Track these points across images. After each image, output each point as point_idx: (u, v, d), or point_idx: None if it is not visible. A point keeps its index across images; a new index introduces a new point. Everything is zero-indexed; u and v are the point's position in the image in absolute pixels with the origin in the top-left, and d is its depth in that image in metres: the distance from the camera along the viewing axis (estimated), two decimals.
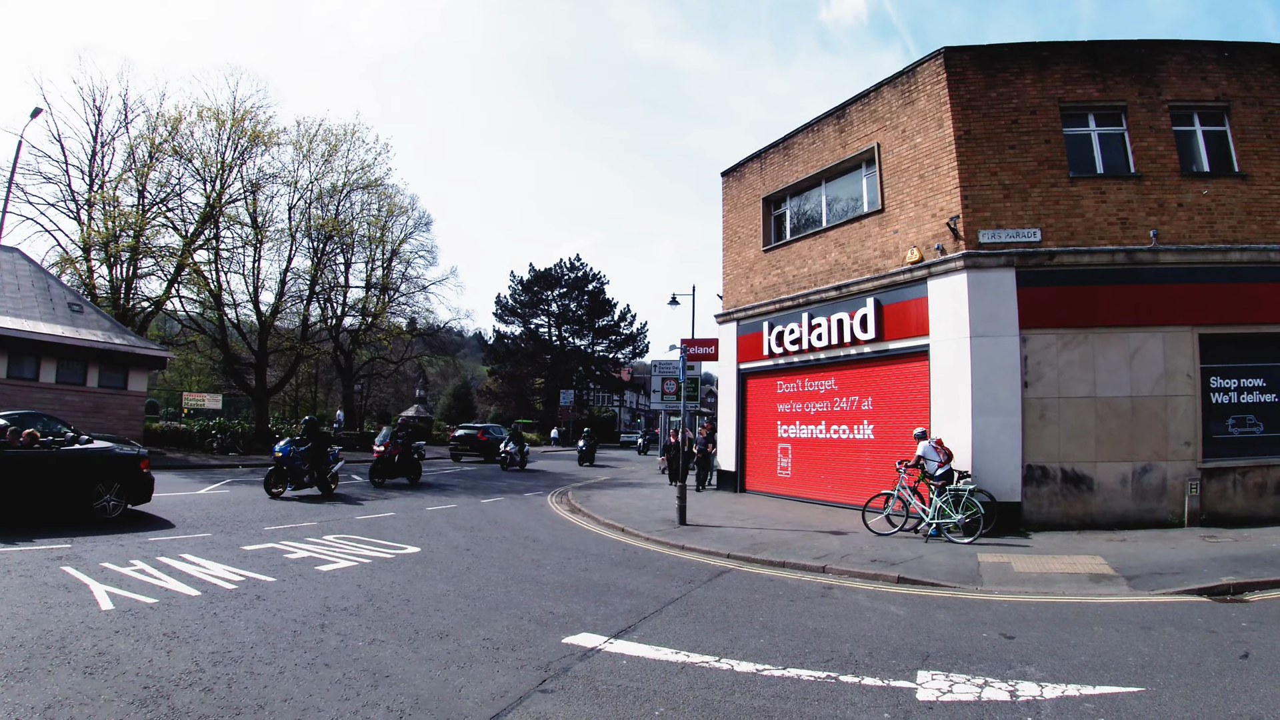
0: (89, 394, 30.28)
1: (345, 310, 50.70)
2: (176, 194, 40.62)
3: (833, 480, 19.62)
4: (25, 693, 5.55)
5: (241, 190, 41.84)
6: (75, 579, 9.29)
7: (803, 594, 10.02)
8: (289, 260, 44.42)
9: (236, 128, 40.51)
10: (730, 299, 24.53)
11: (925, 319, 16.78)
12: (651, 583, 10.66)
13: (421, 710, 5.61)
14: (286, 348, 46.33)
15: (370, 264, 51.42)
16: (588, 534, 15.68)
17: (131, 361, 32.17)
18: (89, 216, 38.59)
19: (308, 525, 14.99)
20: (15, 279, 31.21)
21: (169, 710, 5.39)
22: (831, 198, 20.98)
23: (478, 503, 20.72)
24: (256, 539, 13.14)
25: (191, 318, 43.29)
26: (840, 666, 6.70)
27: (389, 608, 8.76)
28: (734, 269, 24.49)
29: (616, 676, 6.48)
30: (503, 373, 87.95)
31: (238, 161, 41.22)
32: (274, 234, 43.80)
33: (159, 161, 39.71)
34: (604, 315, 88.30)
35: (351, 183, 46.13)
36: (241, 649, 6.90)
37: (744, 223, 24.23)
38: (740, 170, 24.80)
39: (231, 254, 42.64)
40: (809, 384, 20.85)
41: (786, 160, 22.36)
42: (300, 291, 46.01)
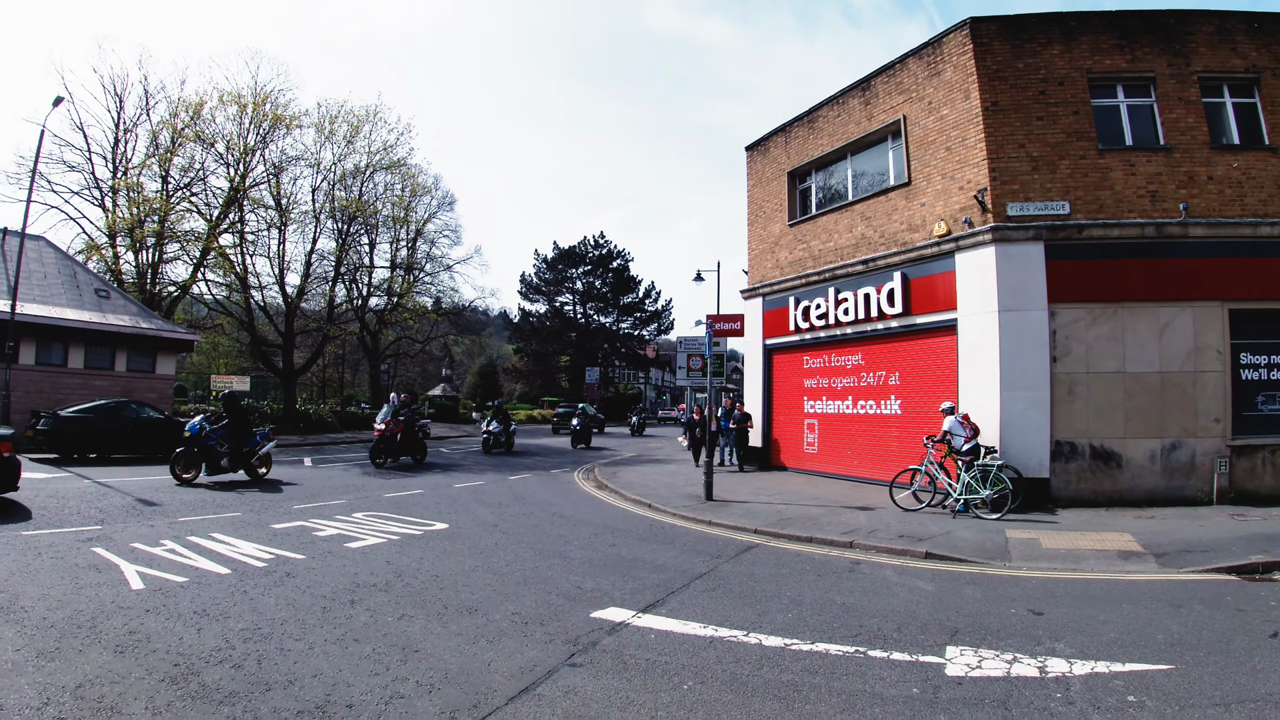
0: (118, 378, 30.62)
1: (371, 290, 50.95)
2: (200, 178, 41.13)
3: (860, 456, 19.58)
4: (57, 672, 5.59)
5: (265, 173, 42.24)
6: (106, 559, 9.38)
7: (830, 569, 10.00)
8: (314, 242, 44.75)
9: (258, 111, 40.86)
10: (756, 274, 24.42)
11: (953, 293, 16.64)
12: (679, 558, 10.67)
13: (451, 684, 5.63)
14: (313, 329, 46.70)
15: (395, 244, 51.66)
16: (615, 510, 15.73)
17: (159, 345, 32.47)
18: (113, 203, 39.08)
19: (336, 503, 15.11)
20: (42, 266, 31.57)
21: (199, 687, 5.43)
22: (857, 171, 20.81)
23: (505, 480, 20.82)
24: (286, 517, 13.25)
25: (218, 301, 43.61)
26: (868, 641, 6.68)
27: (418, 583, 8.81)
28: (759, 244, 24.37)
29: (645, 650, 6.48)
30: (528, 351, 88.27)
31: (260, 145, 41.56)
32: (298, 216, 44.25)
33: (182, 147, 40.08)
34: (628, 292, 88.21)
35: (374, 163, 46.43)
36: (271, 626, 6.96)
37: (769, 197, 24.08)
38: (764, 145, 24.62)
39: (256, 237, 43.05)
40: (836, 359, 20.76)
41: (811, 134, 22.18)
42: (326, 273, 46.28)
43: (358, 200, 45.23)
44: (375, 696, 5.36)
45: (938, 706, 5.20)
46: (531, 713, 5.13)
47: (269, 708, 5.09)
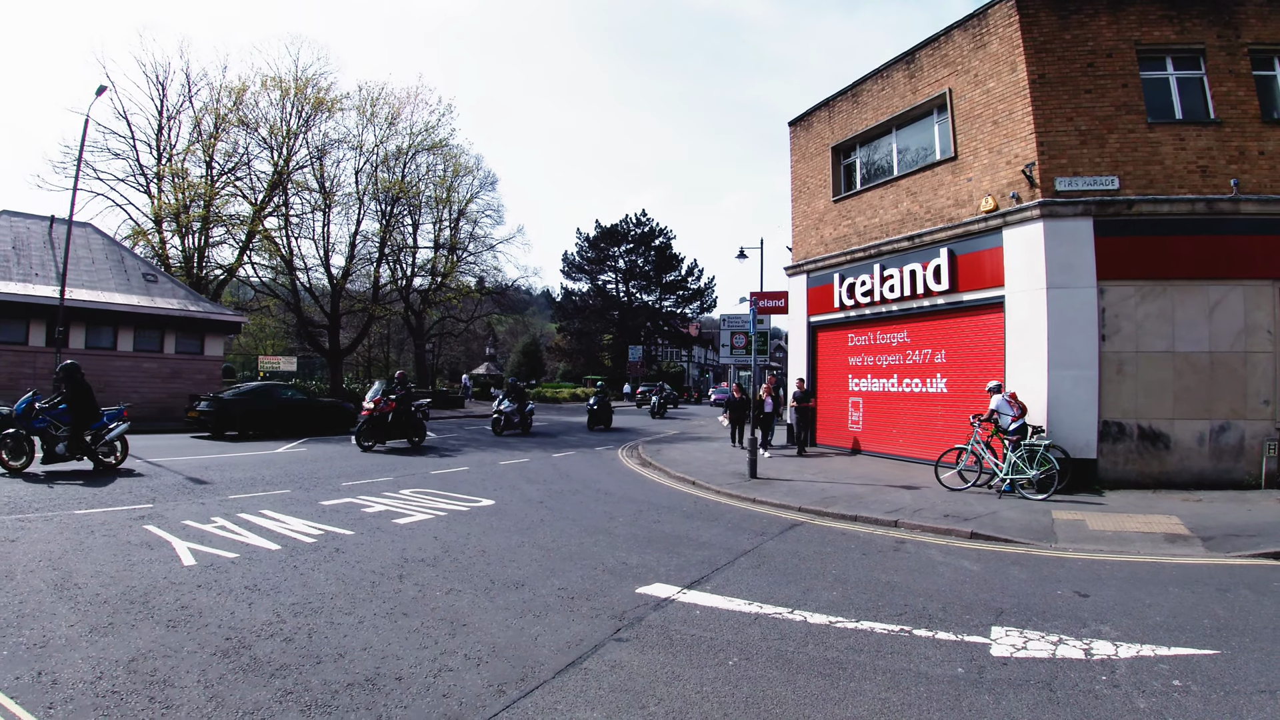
0: (166, 360, 31.21)
1: (415, 271, 51.37)
2: (244, 163, 41.79)
3: (905, 434, 19.45)
4: (110, 647, 5.71)
5: (308, 156, 42.78)
6: (158, 536, 9.57)
7: (875, 548, 10.00)
8: (358, 223, 45.20)
9: (300, 95, 41.39)
10: (800, 251, 24.23)
11: (1000, 269, 16.42)
12: (723, 535, 10.71)
13: (499, 658, 5.71)
14: (358, 309, 47.20)
15: (438, 224, 51.98)
16: (659, 487, 15.80)
17: (207, 327, 32.93)
18: (159, 189, 39.86)
19: (384, 480, 15.33)
20: (89, 252, 32.17)
21: (251, 660, 5.55)
22: (902, 146, 20.56)
23: (549, 457, 20.99)
24: (334, 494, 13.45)
25: (264, 283, 44.30)
26: (914, 620, 6.68)
27: (465, 559, 8.94)
28: (803, 220, 24.17)
29: (690, 626, 6.54)
30: (571, 329, 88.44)
31: (302, 128, 42.09)
32: (342, 198, 44.76)
33: (225, 132, 40.77)
34: (671, 270, 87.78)
35: (416, 145, 46.73)
36: (321, 600, 7.09)
37: (813, 173, 23.85)
38: (808, 119, 24.36)
39: (301, 219, 43.67)
40: (881, 336, 20.60)
41: (855, 108, 21.92)
42: (370, 254, 46.72)
43: (400, 182, 45.53)
44: (424, 669, 5.45)
45: (982, 686, 5.21)
46: (578, 686, 5.20)
47: (319, 680, 5.20)
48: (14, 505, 11.11)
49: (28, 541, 8.99)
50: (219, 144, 40.80)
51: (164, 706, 4.72)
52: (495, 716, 4.72)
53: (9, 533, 9.37)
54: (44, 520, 10.23)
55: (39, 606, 6.59)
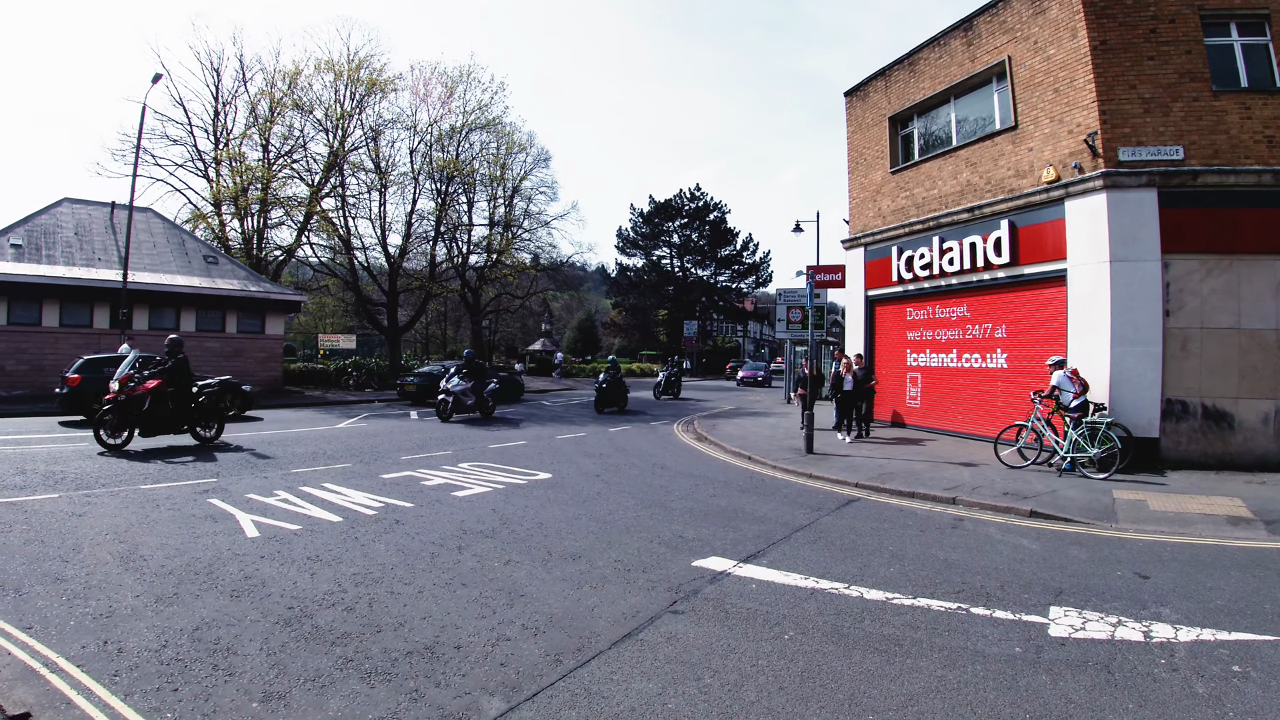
0: (228, 339, 31.96)
1: (470, 248, 51.73)
2: (301, 145, 42.54)
3: (963, 410, 19.22)
4: (175, 616, 5.89)
5: (363, 137, 43.39)
6: (222, 510, 9.80)
7: (933, 524, 9.95)
8: (413, 202, 45.73)
9: (353, 77, 41.88)
10: (857, 224, 23.93)
11: (1062, 242, 16.09)
12: (779, 509, 10.73)
13: (556, 628, 5.81)
14: (415, 287, 47.78)
15: (492, 202, 52.15)
16: (714, 461, 15.84)
17: (267, 307, 33.64)
18: (217, 173, 40.73)
19: (443, 454, 15.56)
20: (151, 236, 33.13)
21: (313, 629, 5.69)
22: (961, 115, 20.17)
23: (606, 431, 21.16)
24: (394, 468, 13.70)
25: (323, 263, 45.14)
26: (971, 598, 6.65)
27: (523, 530, 9.07)
28: (860, 193, 23.85)
29: (746, 600, 6.58)
30: (626, 305, 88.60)
31: (356, 110, 42.61)
32: (397, 178, 45.33)
33: (280, 116, 41.45)
34: (726, 245, 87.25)
35: (469, 123, 47.00)
36: (382, 570, 7.24)
37: (869, 144, 23.52)
38: (864, 90, 23.98)
39: (358, 200, 44.36)
40: (940, 311, 20.31)
41: (912, 77, 21.56)
42: (426, 232, 47.22)
43: (455, 160, 45.86)
44: (482, 639, 5.55)
45: (1040, 666, 5.18)
46: (635, 657, 5.27)
47: (380, 648, 5.32)
48: (81, 481, 11.41)
49: (94, 516, 9.24)
50: (275, 127, 41.54)
51: (227, 674, 4.86)
52: (553, 686, 4.81)
53: (76, 507, 9.63)
54: (110, 495, 10.50)
55: (105, 578, 6.78)
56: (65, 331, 27.59)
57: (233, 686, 4.68)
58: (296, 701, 4.51)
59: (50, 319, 27.53)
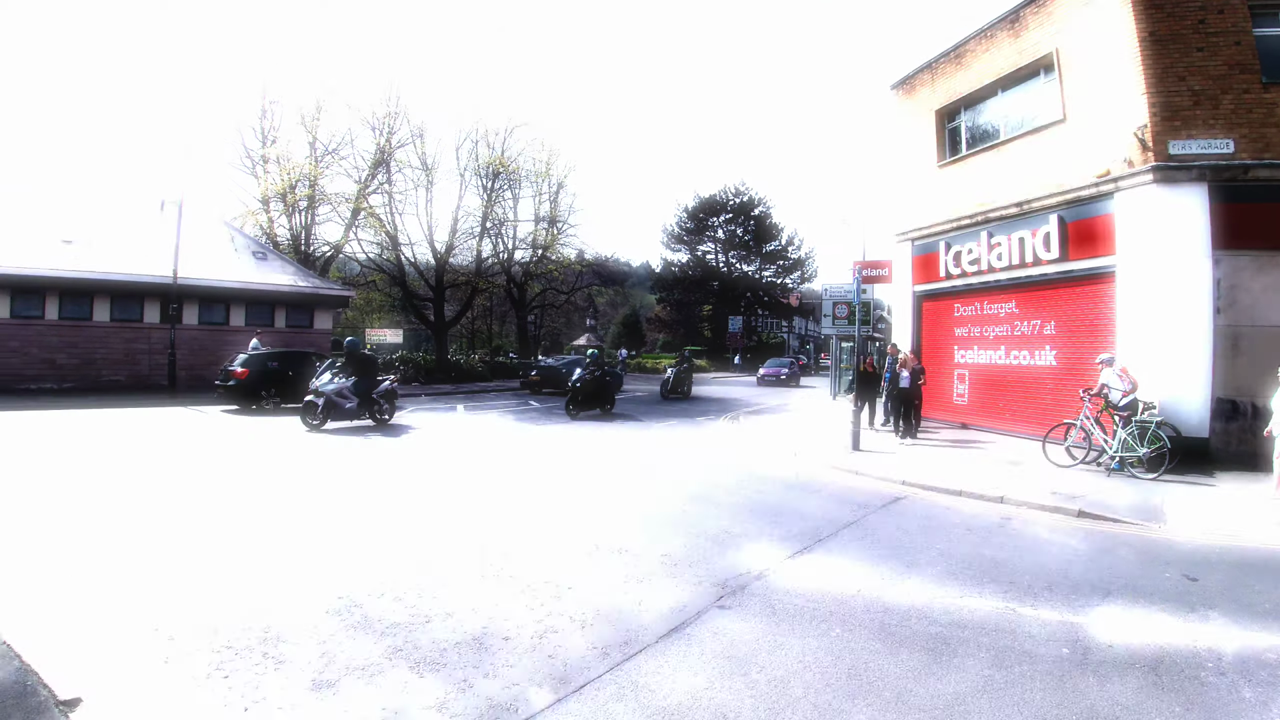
0: (278, 333, 32.37)
1: (516, 244, 51.98)
2: (348, 143, 43.05)
3: (1011, 408, 18.99)
4: (226, 604, 6.04)
5: (409, 135, 43.58)
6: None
7: (980, 523, 9.93)
8: (459, 199, 46.04)
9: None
10: (904, 219, 23.72)
11: (1111, 237, 15.87)
12: (825, 506, 10.76)
13: (603, 621, 5.90)
14: (462, 282, 48.09)
15: (537, 198, 52.33)
16: (760, 457, 15.87)
17: (316, 302, 34.28)
18: (264, 171, 41.47)
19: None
20: (200, 232, 33.50)
21: (362, 618, 5.83)
22: (1008, 108, 19.92)
23: (651, 426, 21.30)
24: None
25: (370, 258, 45.63)
26: (1018, 598, 6.66)
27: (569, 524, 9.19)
28: (907, 187, 23.69)
29: (793, 596, 6.62)
30: (671, 300, 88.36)
31: (403, 107, 42.90)
32: (444, 174, 45.69)
33: (327, 114, 41.90)
34: (770, 240, 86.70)
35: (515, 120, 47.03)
36: (430, 561, 7.40)
37: (916, 138, 23.29)
38: (910, 82, 23.80)
39: (404, 196, 44.73)
40: (988, 307, 20.06)
41: (959, 70, 21.33)
42: (472, 228, 47.52)
43: (500, 157, 46.12)
44: (530, 631, 5.66)
45: (1087, 668, 5.19)
46: (681, 652, 5.35)
47: (429, 638, 5.45)
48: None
49: None
50: (321, 125, 42.18)
51: (277, 661, 5.00)
52: (600, 678, 4.89)
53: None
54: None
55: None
56: (116, 326, 28.46)
57: (283, 674, 4.83)
58: (346, 690, 4.64)
59: (101, 314, 28.34)
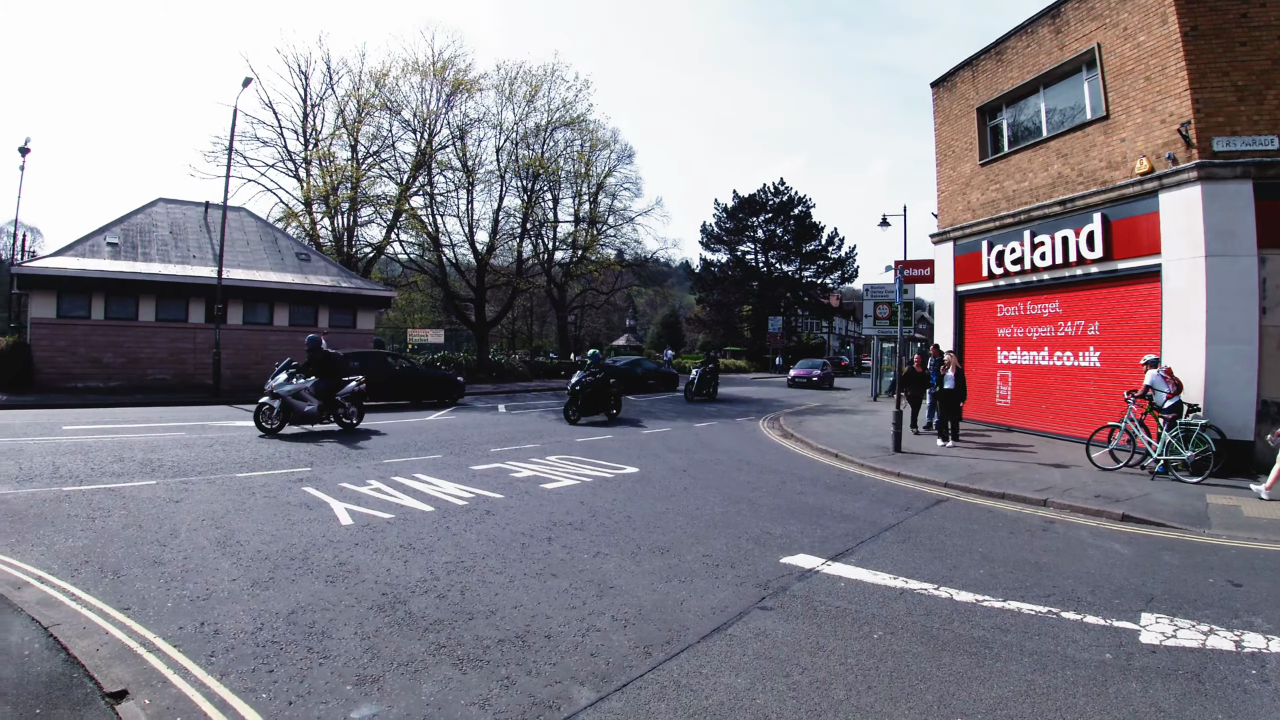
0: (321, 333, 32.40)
1: (556, 244, 52.45)
2: (389, 145, 43.89)
3: (1055, 410, 18.78)
4: (270, 600, 6.18)
5: (449, 136, 44.41)
6: (316, 498, 10.22)
7: (1023, 526, 9.89)
8: (500, 200, 46.60)
9: (439, 77, 42.95)
10: (946, 218, 23.59)
11: (1156, 236, 15.65)
12: (867, 508, 10.75)
13: (645, 620, 5.95)
14: (502, 283, 48.63)
15: (577, 199, 52.77)
16: (801, 458, 15.90)
17: (358, 302, 34.68)
18: (307, 173, 42.30)
19: (531, 447, 15.93)
20: (244, 234, 34.47)
21: (406, 615, 5.93)
22: (1050, 105, 19.72)
23: (691, 427, 21.31)
24: (484, 460, 14.10)
25: (412, 259, 46.55)
26: (1061, 602, 6.63)
27: (611, 524, 9.27)
28: (949, 185, 23.49)
29: (834, 598, 6.63)
30: (710, 301, 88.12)
31: (443, 109, 43.71)
32: (484, 176, 46.27)
33: (369, 116, 42.83)
34: (810, 240, 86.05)
35: (554, 121, 47.62)
36: (473, 559, 7.50)
37: (957, 136, 23.15)
38: (951, 80, 23.62)
39: (445, 198, 45.48)
40: (1031, 307, 19.84)
41: (1000, 66, 21.14)
42: (512, 229, 48.02)
43: (540, 158, 46.40)
44: (572, 629, 5.73)
45: (1130, 673, 5.18)
46: (723, 652, 5.37)
47: (472, 635, 5.53)
48: (178, 469, 11.99)
49: (191, 502, 9.71)
50: (363, 128, 42.88)
51: (322, 656, 5.11)
52: (642, 677, 4.93)
53: (174, 494, 10.13)
54: (207, 483, 11.01)
55: (203, 562, 7.13)
56: (161, 326, 28.95)
57: (327, 669, 4.92)
58: (390, 685, 4.72)
59: (146, 314, 28.81)
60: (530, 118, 46.69)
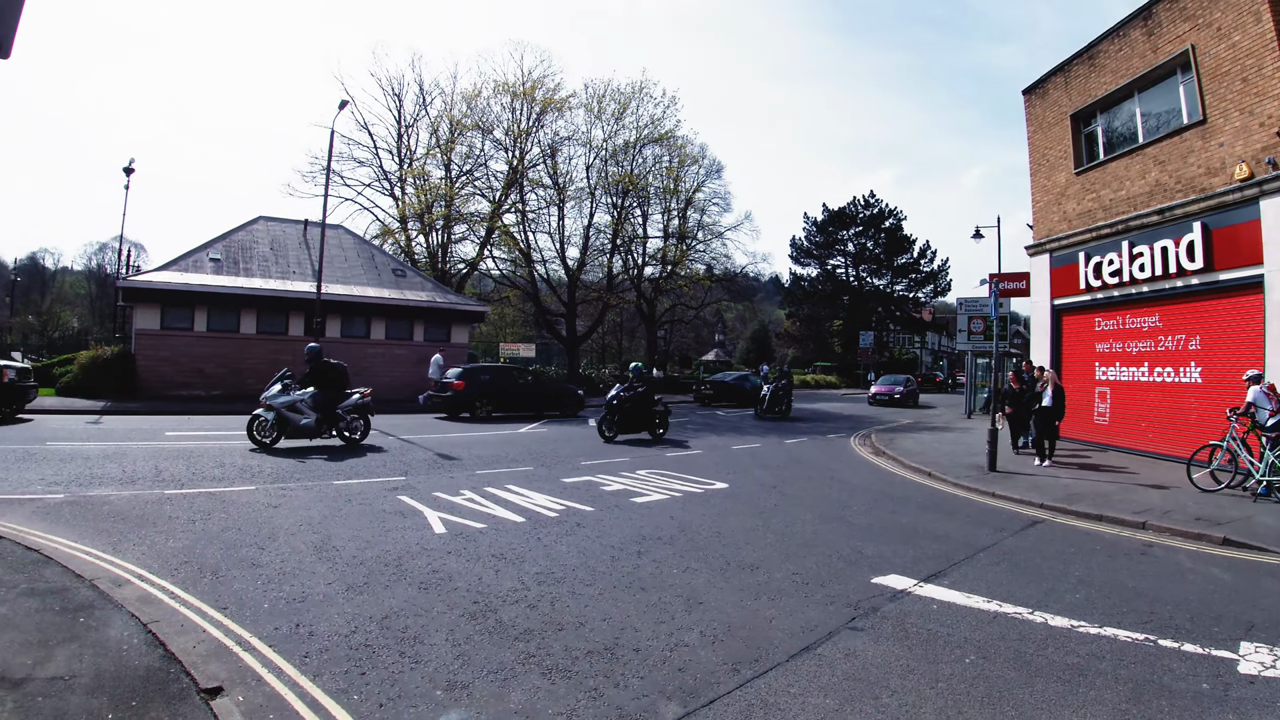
0: (416, 347, 33.95)
1: (645, 260, 52.85)
2: (481, 164, 45.22)
3: (1155, 428, 18.17)
4: (365, 604, 6.37)
5: (540, 155, 45.61)
6: (411, 506, 10.52)
7: (1120, 550, 9.67)
8: (590, 216, 47.51)
9: (528, 97, 43.99)
10: (1041, 229, 23.05)
11: (1258, 245, 15.12)
12: (961, 529, 10.63)
13: (733, 637, 5.98)
14: (593, 298, 49.33)
15: (666, 214, 53.15)
16: (893, 477, 15.77)
17: (453, 317, 35.61)
18: (402, 192, 43.82)
19: (621, 460, 16.16)
20: (342, 251, 35.76)
21: (496, 623, 6.06)
22: (1145, 110, 19.19)
23: (782, 443, 21.29)
24: (574, 472, 14.32)
25: (504, 275, 47.61)
26: (1159, 630, 6.48)
27: (700, 539, 9.32)
28: (1044, 195, 22.97)
29: (926, 620, 6.56)
30: (800, 315, 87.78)
31: (534, 128, 44.72)
32: (574, 193, 47.29)
33: (461, 136, 44.11)
34: (902, 253, 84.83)
35: (642, 138, 48.24)
36: (564, 571, 7.64)
37: (1051, 144, 22.66)
38: (1043, 86, 23.18)
39: (537, 215, 46.64)
40: (1130, 321, 19.27)
41: (1092, 71, 20.69)
42: (603, 245, 48.74)
43: (629, 175, 47.02)
44: (660, 643, 5.78)
45: (1227, 705, 5.05)
46: (811, 671, 5.35)
47: (561, 646, 5.64)
48: (277, 475, 12.51)
49: (290, 507, 10.12)
50: (456, 147, 44.16)
51: (413, 661, 5.27)
52: (729, 694, 4.94)
53: (272, 499, 10.57)
54: (304, 489, 11.46)
55: (300, 565, 7.43)
56: (261, 338, 30.21)
57: (419, 674, 5.06)
58: (479, 692, 4.83)
59: (248, 326, 30.18)
60: (619, 135, 47.48)
